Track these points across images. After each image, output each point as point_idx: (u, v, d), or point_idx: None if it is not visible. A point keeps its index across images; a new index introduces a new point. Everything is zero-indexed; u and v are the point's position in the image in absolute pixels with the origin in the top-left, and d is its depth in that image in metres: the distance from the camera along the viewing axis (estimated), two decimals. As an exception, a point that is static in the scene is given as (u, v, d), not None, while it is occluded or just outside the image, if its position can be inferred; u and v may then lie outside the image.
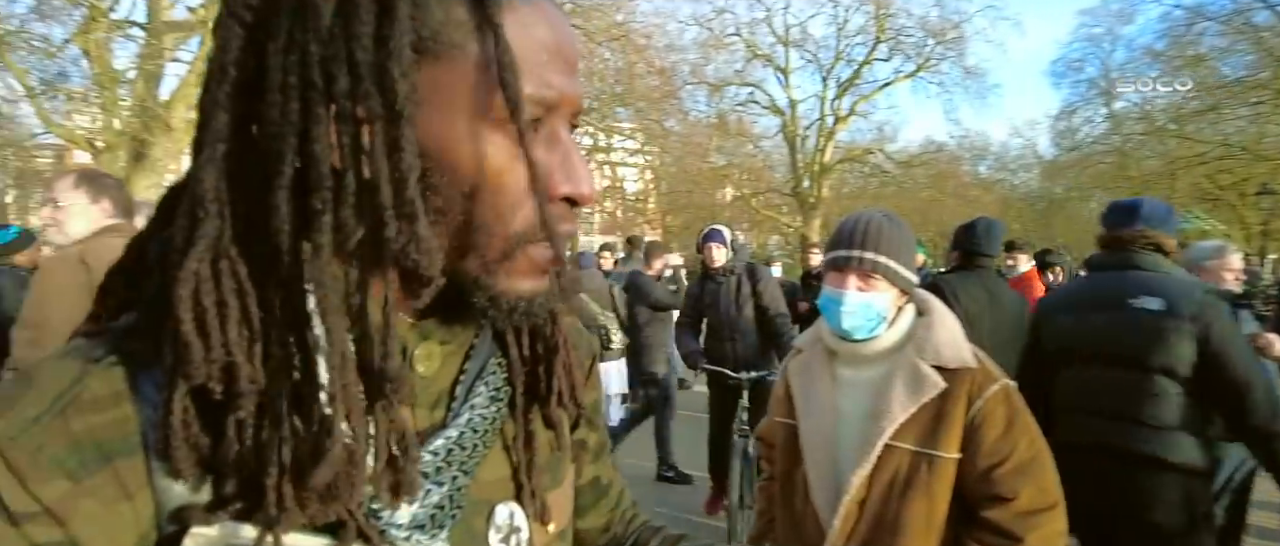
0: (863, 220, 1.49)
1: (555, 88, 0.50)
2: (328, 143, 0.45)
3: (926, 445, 1.41)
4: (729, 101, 23.04)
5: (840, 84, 23.05)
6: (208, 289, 0.45)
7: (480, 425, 0.57)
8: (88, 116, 11.78)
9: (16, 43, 11.94)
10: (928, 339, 1.46)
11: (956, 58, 22.55)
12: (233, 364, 0.45)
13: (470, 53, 0.47)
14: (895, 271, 1.46)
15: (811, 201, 22.43)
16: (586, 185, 0.52)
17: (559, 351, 0.63)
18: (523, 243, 0.50)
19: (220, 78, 0.47)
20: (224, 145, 0.46)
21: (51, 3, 11.60)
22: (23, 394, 0.46)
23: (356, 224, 0.46)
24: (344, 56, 0.44)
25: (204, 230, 0.46)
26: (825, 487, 1.50)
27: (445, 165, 0.48)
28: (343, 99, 0.44)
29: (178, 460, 0.45)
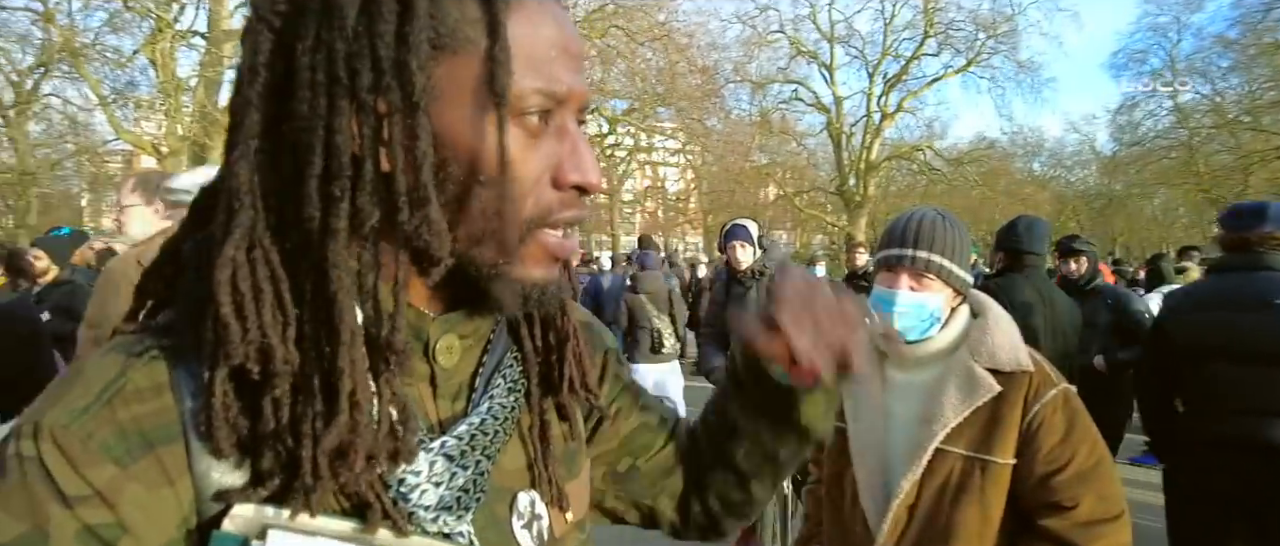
0: (916, 218, 1.46)
1: (563, 83, 0.53)
2: (349, 133, 0.48)
3: (980, 450, 1.38)
4: (772, 99, 22.82)
5: (887, 80, 22.57)
6: (244, 274, 0.48)
7: (500, 413, 0.60)
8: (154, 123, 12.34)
9: (91, 55, 12.59)
10: (982, 341, 1.42)
11: (1009, 51, 21.86)
12: (268, 345, 0.48)
13: (482, 48, 0.50)
14: (949, 271, 1.43)
15: (857, 200, 22.02)
16: (594, 174, 0.55)
17: (570, 340, 0.66)
18: (534, 228, 0.53)
19: (251, 78, 0.50)
20: (255, 142, 0.50)
21: (123, 16, 12.20)
22: (72, 386, 0.49)
23: (372, 209, 0.49)
24: (367, 53, 0.48)
25: (239, 220, 0.49)
26: (874, 492, 1.47)
27: (460, 154, 0.51)
28: (365, 92, 0.48)
29: (218, 439, 0.48)
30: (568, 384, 0.65)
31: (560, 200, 0.54)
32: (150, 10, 11.16)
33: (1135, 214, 24.20)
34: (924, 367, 1.47)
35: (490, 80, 0.49)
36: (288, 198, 0.50)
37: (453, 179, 0.51)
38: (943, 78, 22.55)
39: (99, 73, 12.57)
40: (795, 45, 22.31)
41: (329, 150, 0.48)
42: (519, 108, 0.51)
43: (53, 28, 13.01)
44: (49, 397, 0.49)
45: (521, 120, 0.51)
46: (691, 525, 0.81)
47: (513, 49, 0.50)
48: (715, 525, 0.80)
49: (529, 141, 0.52)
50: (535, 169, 0.53)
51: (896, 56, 22.50)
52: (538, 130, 0.53)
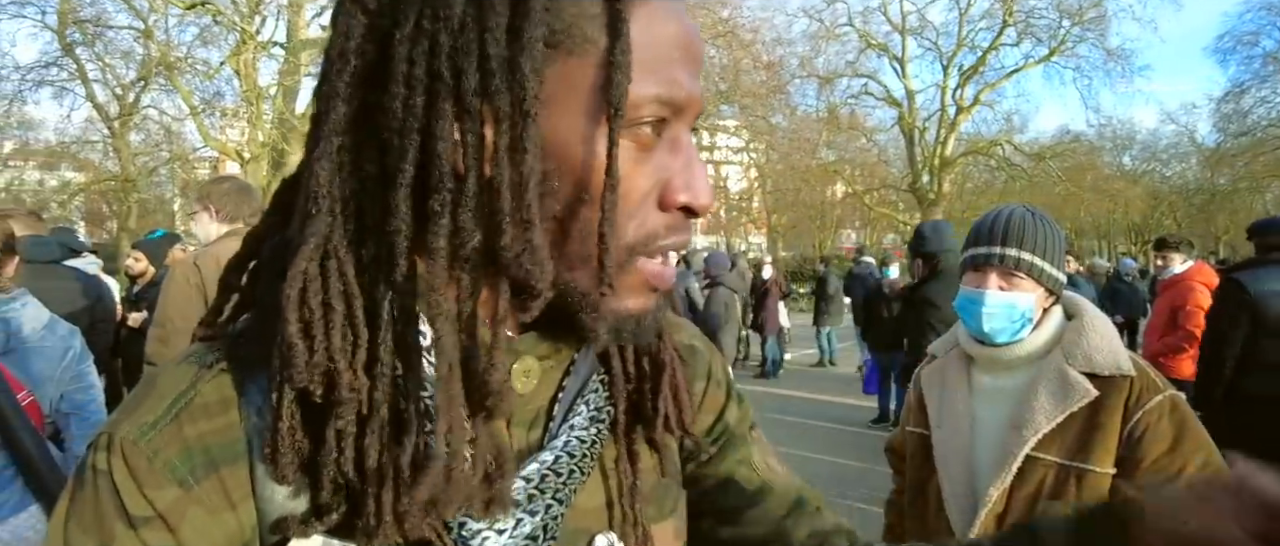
0: (1004, 215, 1.40)
1: (683, 87, 0.47)
2: (451, 140, 0.43)
3: (1075, 458, 1.30)
4: (840, 94, 22.27)
5: (963, 72, 21.70)
6: (315, 290, 0.44)
7: (577, 449, 0.54)
8: (237, 130, 13.09)
9: (184, 67, 13.48)
10: (1077, 343, 1.35)
11: (1097, 39, 20.68)
12: (334, 369, 0.44)
13: (600, 48, 0.44)
14: (1041, 269, 1.36)
15: (931, 197, 21.22)
16: (706, 196, 0.49)
17: (666, 370, 0.59)
18: (636, 255, 0.48)
19: (340, 66, 0.45)
20: (340, 138, 0.45)
21: (212, 29, 13.01)
22: (147, 396, 0.48)
23: (474, 229, 0.44)
24: (475, 49, 0.43)
25: (315, 227, 0.45)
26: (960, 500, 1.41)
27: (566, 168, 0.45)
28: (470, 95, 0.43)
29: (282, 465, 0.45)
30: (663, 420, 0.58)
31: (666, 224, 0.49)
32: (236, 24, 11.84)
33: (1242, 210, 22.43)
34: (1013, 371, 1.40)
35: (606, 86, 0.44)
36: (370, 204, 0.45)
37: (553, 196, 0.46)
38: (1023, 68, 21.52)
39: (190, 84, 13.47)
40: (865, 38, 21.72)
41: (426, 157, 0.43)
42: (633, 117, 0.45)
43: (151, 43, 14.00)
44: (126, 407, 0.48)
45: (634, 131, 0.46)
46: None
47: (634, 50, 0.44)
48: None
49: (639, 155, 0.47)
50: (643, 187, 0.47)
51: (973, 47, 21.63)
52: (650, 142, 0.47)
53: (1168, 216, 23.68)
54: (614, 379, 0.58)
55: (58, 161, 20.34)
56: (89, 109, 16.68)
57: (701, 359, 0.70)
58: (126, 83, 16.30)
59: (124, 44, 15.42)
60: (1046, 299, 1.40)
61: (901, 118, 22.35)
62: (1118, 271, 9.41)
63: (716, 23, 16.17)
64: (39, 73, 15.46)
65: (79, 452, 1.98)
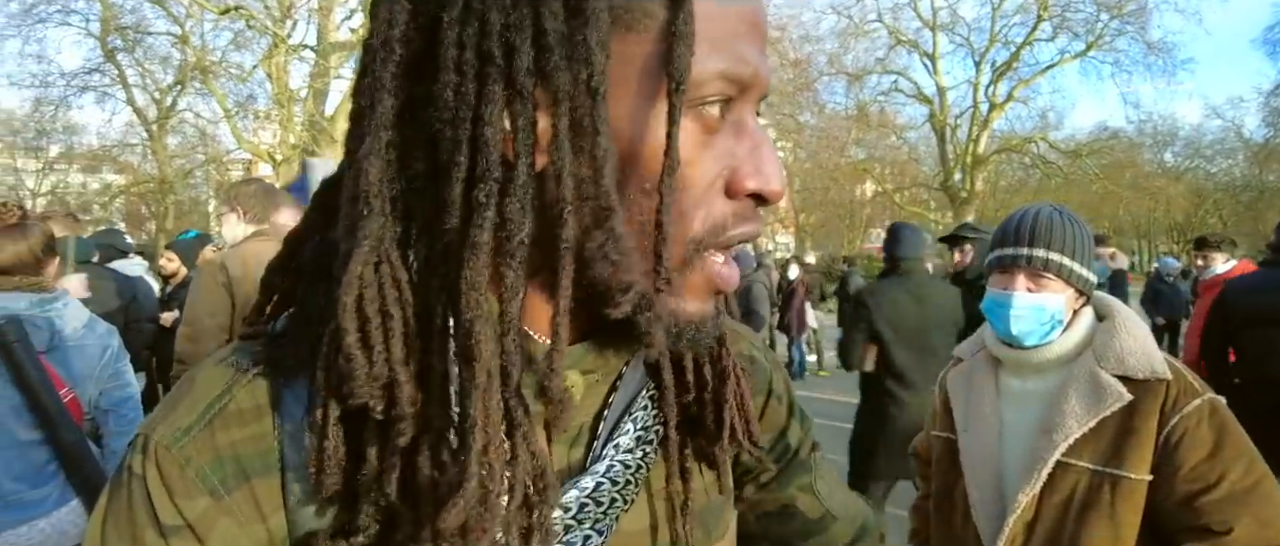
0: (1031, 215, 1.36)
1: (750, 63, 0.44)
2: (499, 125, 0.40)
3: (1108, 464, 1.25)
4: (870, 91, 21.95)
5: (996, 68, 21.25)
6: (372, 296, 0.41)
7: (620, 475, 0.51)
8: (270, 132, 13.37)
9: (218, 71, 13.81)
10: (1109, 345, 1.30)
11: (1137, 32, 20.06)
12: (395, 381, 0.41)
13: (660, 21, 0.41)
14: (1070, 269, 1.32)
15: (963, 196, 20.83)
16: (777, 182, 0.45)
17: (729, 378, 0.55)
18: (702, 249, 0.45)
19: (384, 57, 0.41)
20: (388, 133, 0.42)
21: (245, 34, 13.30)
22: (183, 398, 0.46)
23: (522, 220, 0.40)
24: (529, 25, 0.39)
25: (367, 228, 0.41)
26: (988, 507, 1.36)
27: (626, 152, 0.42)
28: (523, 75, 0.39)
29: (327, 484, 0.43)
30: (729, 433, 0.55)
31: (734, 213, 0.45)
32: (268, 28, 12.09)
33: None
34: (1043, 374, 1.36)
35: (668, 60, 0.40)
36: (420, 201, 0.42)
37: (617, 185, 0.42)
38: (1058, 64, 20.99)
39: (225, 88, 13.83)
40: (894, 34, 21.40)
41: (475, 146, 0.40)
42: (697, 95, 0.42)
43: (188, 48, 14.37)
44: (166, 406, 0.47)
45: (698, 111, 0.43)
46: None
47: (696, 22, 0.41)
48: None
49: (704, 139, 0.43)
50: (709, 173, 0.44)
51: (1006, 43, 21.16)
52: (715, 125, 0.44)
53: (1213, 214, 22.98)
54: (664, 392, 0.53)
55: (99, 164, 21.01)
56: (129, 113, 17.29)
57: (763, 372, 0.66)
58: (164, 87, 16.82)
59: (162, 49, 15.91)
60: (1076, 300, 1.35)
61: (933, 115, 21.96)
62: (1158, 271, 9.13)
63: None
64: (82, 79, 16.03)
65: (116, 449, 2.04)
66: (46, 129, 17.88)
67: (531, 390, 0.46)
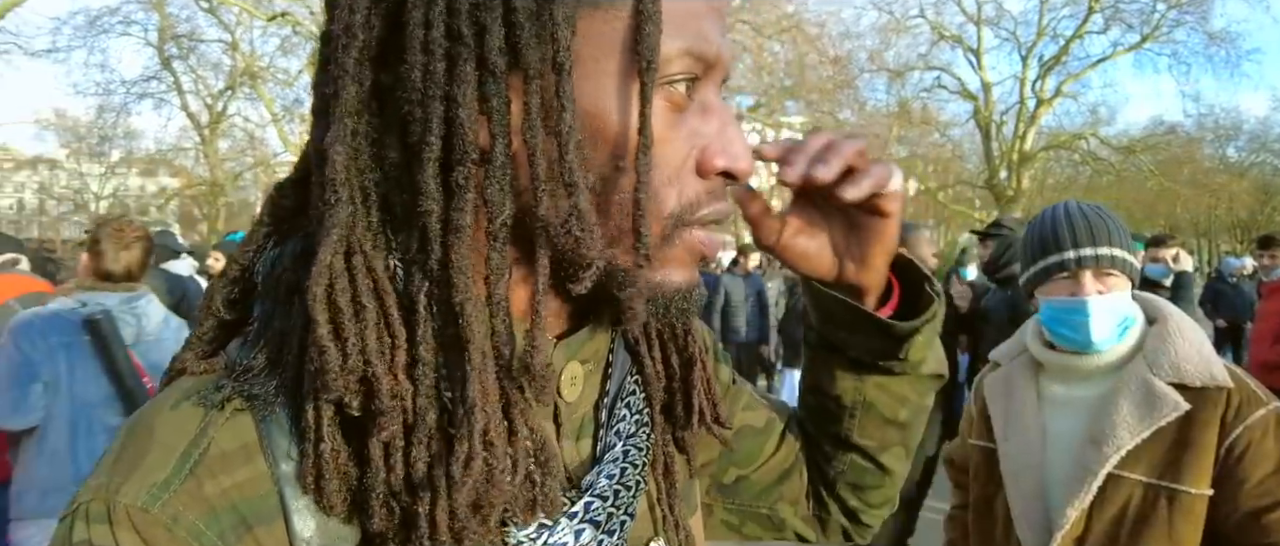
0: (1069, 214, 1.28)
1: (713, 42, 0.45)
2: (474, 106, 0.40)
3: (1164, 477, 1.19)
4: (912, 88, 21.46)
5: (1043, 63, 20.60)
6: (342, 287, 0.40)
7: (638, 458, 0.52)
8: (316, 135, 13.74)
9: (266, 76, 14.24)
10: (1162, 351, 1.23)
11: (1197, 22, 19.19)
12: (372, 374, 0.40)
13: (629, 1, 0.41)
14: (1128, 262, 1.26)
15: (1009, 194, 20.24)
16: (745, 159, 0.46)
17: (696, 365, 0.56)
18: (679, 225, 0.45)
19: (345, 43, 0.41)
20: (353, 121, 0.41)
21: (291, 39, 13.69)
22: (146, 451, 0.41)
23: (504, 201, 0.41)
24: (499, 3, 0.40)
25: (335, 218, 0.40)
26: (1032, 520, 1.30)
27: (598, 133, 0.42)
28: (494, 54, 0.39)
29: (329, 493, 0.41)
30: (698, 417, 0.56)
31: (706, 191, 0.46)
32: (313, 33, 12.42)
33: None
34: (1089, 381, 1.29)
35: (637, 38, 0.41)
36: (396, 189, 0.42)
37: (586, 165, 0.42)
38: (1111, 57, 20.26)
39: (272, 92, 14.29)
40: (937, 30, 20.91)
41: (449, 128, 0.40)
42: (664, 74, 0.42)
43: (237, 54, 14.86)
44: (118, 465, 0.41)
45: (666, 90, 0.43)
46: (830, 527, 0.71)
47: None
48: (855, 517, 0.71)
49: (673, 118, 0.44)
50: (680, 151, 0.45)
51: (1054, 37, 20.50)
52: (682, 103, 0.44)
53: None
54: (647, 379, 0.55)
55: (156, 168, 21.90)
56: (183, 118, 17.99)
57: (702, 333, 0.67)
58: (215, 92, 17.48)
59: (213, 56, 16.53)
60: None
61: (977, 111, 21.39)
62: (1220, 271, 8.74)
63: (781, 17, 15.91)
64: (141, 86, 16.78)
65: None
66: (108, 135, 18.70)
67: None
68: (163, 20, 15.49)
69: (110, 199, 21.05)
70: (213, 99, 17.67)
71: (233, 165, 19.19)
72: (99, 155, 20.66)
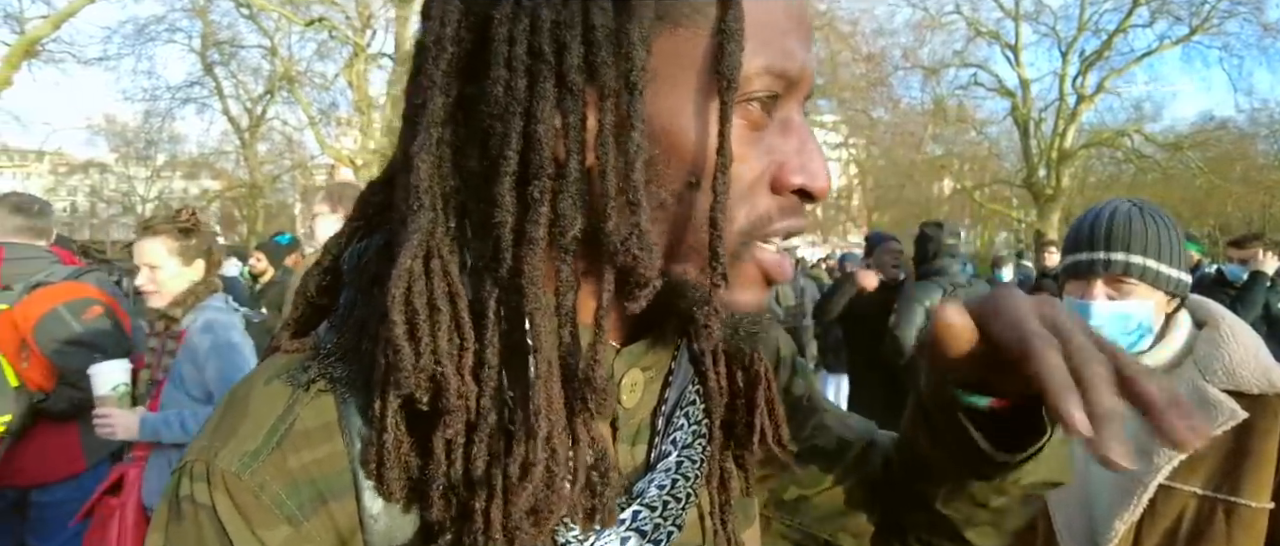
0: (1106, 214, 1.24)
1: (797, 59, 0.44)
2: (552, 123, 0.41)
3: (1221, 489, 1.13)
4: (948, 85, 21.04)
5: (1084, 58, 20.03)
6: (420, 289, 0.42)
7: (690, 470, 0.52)
8: (351, 138, 14.02)
9: (303, 80, 14.56)
10: (1215, 356, 1.17)
11: (1251, 13, 18.43)
12: (442, 374, 0.42)
13: (710, 18, 0.42)
14: (1155, 272, 1.20)
15: (1048, 193, 19.74)
16: (823, 178, 0.46)
17: (761, 383, 0.56)
18: (749, 242, 0.45)
19: (435, 54, 0.43)
20: (439, 130, 0.43)
21: (328, 44, 13.99)
22: (241, 421, 0.45)
23: (575, 215, 0.42)
24: (578, 22, 0.40)
25: (417, 223, 0.42)
26: (1076, 533, 1.26)
27: (675, 150, 0.43)
28: (573, 72, 0.40)
29: (390, 481, 0.43)
30: (759, 436, 0.56)
31: (779, 207, 0.46)
32: (349, 37, 12.68)
33: None
34: None
35: (718, 58, 0.41)
36: (474, 198, 0.44)
37: (660, 181, 0.43)
38: (1157, 51, 19.61)
39: (309, 96, 14.61)
40: (974, 26, 20.48)
41: (528, 143, 0.41)
42: (744, 92, 0.43)
43: (276, 59, 15.22)
44: (218, 430, 0.45)
45: (744, 108, 0.44)
46: None
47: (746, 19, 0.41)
48: None
49: (750, 135, 0.44)
50: (755, 169, 0.45)
51: (1096, 31, 19.91)
52: (760, 121, 0.45)
53: (1337, 210, 20.98)
54: (709, 392, 0.55)
55: (198, 171, 22.55)
56: (224, 122, 18.50)
57: (770, 342, 0.66)
58: (255, 96, 17.94)
59: (253, 61, 17.00)
60: (1168, 304, 1.22)
61: (1015, 108, 20.89)
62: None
63: (813, 15, 15.73)
64: (185, 91, 17.32)
65: None
66: (154, 139, 19.34)
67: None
68: (206, 27, 15.94)
69: (156, 201, 21.70)
70: (252, 103, 18.18)
71: (271, 168, 19.71)
72: (145, 159, 21.33)
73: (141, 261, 2.18)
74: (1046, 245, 6.76)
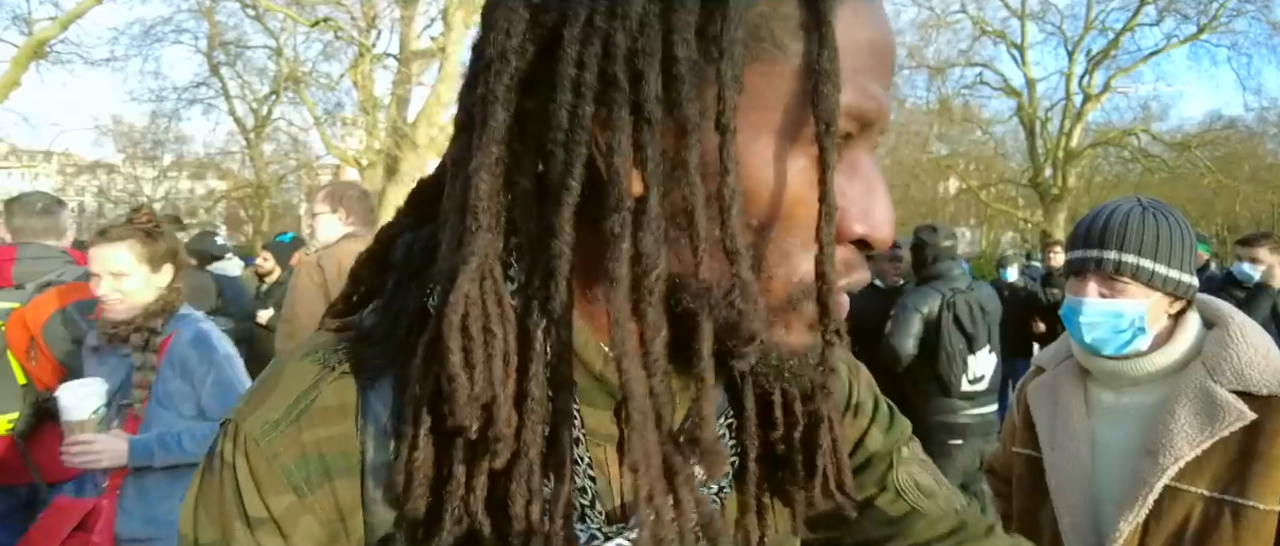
0: (1106, 213, 1.25)
1: (876, 100, 0.42)
2: (628, 154, 0.38)
3: (1228, 491, 1.12)
4: (953, 85, 20.96)
5: (1091, 57, 19.93)
6: (476, 315, 0.41)
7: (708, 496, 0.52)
8: (356, 139, 14.04)
9: (309, 80, 14.59)
10: (1223, 357, 1.16)
11: (1259, 11, 18.29)
12: (496, 402, 0.40)
13: (792, 55, 0.40)
14: (1151, 272, 1.19)
15: (1054, 193, 19.65)
16: (886, 229, 0.43)
17: (824, 423, 0.53)
18: (808, 294, 0.42)
19: (499, 67, 0.40)
20: (499, 148, 0.41)
21: (334, 44, 14.01)
22: (273, 390, 0.47)
23: (658, 254, 0.39)
24: (658, 51, 0.38)
25: (476, 245, 0.41)
26: (1083, 533, 1.25)
27: (753, 191, 0.41)
28: (652, 103, 0.38)
29: (414, 496, 0.43)
30: (820, 480, 0.53)
31: (842, 261, 0.43)
32: (354, 38, 12.70)
33: None
34: (1141, 388, 1.23)
35: (814, 100, 0.38)
36: (527, 220, 0.42)
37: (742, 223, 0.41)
38: (1164, 50, 19.49)
39: (315, 96, 14.66)
40: (979, 25, 20.39)
41: (593, 173, 0.39)
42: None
43: (282, 60, 15.26)
44: (255, 395, 0.48)
45: (812, 150, 0.41)
46: None
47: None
48: None
49: (816, 177, 0.41)
50: (819, 214, 0.42)
51: (1103, 30, 19.80)
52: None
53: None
54: (745, 422, 0.52)
55: (205, 171, 22.64)
56: (230, 122, 18.56)
57: (841, 385, 0.62)
58: (260, 97, 18.02)
59: (259, 61, 17.04)
60: (1170, 304, 1.22)
61: (1021, 108, 20.79)
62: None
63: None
64: (191, 92, 17.35)
65: None
66: (161, 139, 19.42)
67: (606, 411, 0.48)
68: (211, 28, 15.99)
69: (162, 201, 21.80)
70: (258, 103, 18.23)
71: (277, 168, 19.77)
72: (152, 159, 21.42)
73: (103, 270, 1.96)
74: (1052, 245, 6.72)
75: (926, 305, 3.22)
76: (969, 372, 3.21)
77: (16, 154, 23.55)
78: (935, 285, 3.31)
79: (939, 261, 3.36)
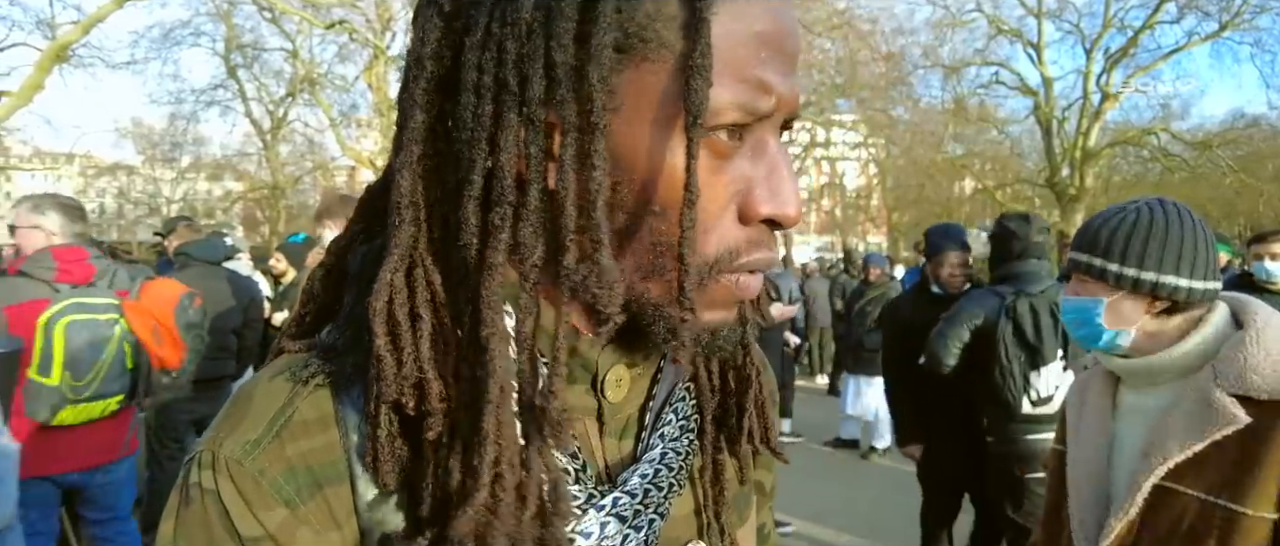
0: (1100, 218, 1.28)
1: (772, 91, 0.44)
2: (514, 151, 0.42)
3: (1221, 495, 1.11)
4: (968, 84, 20.77)
5: (1109, 56, 19.66)
6: (402, 301, 0.44)
7: (675, 462, 0.54)
8: (371, 140, 14.17)
9: (324, 83, 14.75)
10: (1233, 360, 1.14)
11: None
12: (425, 379, 0.44)
13: (677, 52, 0.42)
14: (1102, 269, 1.22)
15: (1071, 193, 19.41)
16: (793, 205, 0.45)
17: (752, 385, 0.58)
18: (717, 272, 0.45)
19: (417, 73, 0.45)
20: (419, 147, 0.45)
21: (349, 46, 14.16)
22: (245, 414, 0.47)
23: (535, 243, 0.43)
24: (541, 56, 0.41)
25: (399, 237, 0.45)
26: (1088, 529, 1.26)
27: (638, 179, 0.44)
28: (535, 104, 0.42)
29: (384, 473, 0.45)
30: (748, 435, 0.58)
31: (748, 239, 0.46)
32: (369, 40, 12.81)
33: None
34: (1158, 390, 1.23)
35: (685, 94, 0.41)
36: (453, 211, 0.45)
37: (623, 209, 0.44)
38: (1185, 48, 19.19)
39: (330, 98, 14.83)
40: (995, 24, 20.18)
41: (492, 168, 0.43)
42: (712, 124, 0.43)
43: (298, 62, 15.43)
44: (224, 423, 0.48)
45: (711, 139, 0.43)
46: None
47: (716, 50, 0.41)
48: None
49: (716, 163, 0.44)
50: (721, 198, 0.44)
51: (1122, 28, 19.53)
52: (728, 150, 0.44)
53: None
54: (700, 388, 0.57)
55: (222, 173, 22.93)
56: (247, 124, 18.77)
57: (769, 374, 0.66)
58: (277, 99, 18.25)
59: (275, 64, 17.28)
60: (1149, 304, 1.20)
61: (1037, 107, 20.56)
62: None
63: (832, 15, 15.62)
64: (209, 94, 17.63)
65: None
66: (179, 141, 19.71)
67: (584, 386, 0.50)
68: (229, 31, 16.20)
69: (180, 203, 22.08)
70: (274, 105, 18.48)
71: (293, 169, 20.01)
72: (171, 161, 21.73)
73: None
74: (1068, 245, 6.62)
75: (982, 313, 2.69)
76: (1032, 391, 2.61)
77: (40, 156, 23.95)
78: (1000, 288, 2.74)
79: (1026, 257, 2.75)
